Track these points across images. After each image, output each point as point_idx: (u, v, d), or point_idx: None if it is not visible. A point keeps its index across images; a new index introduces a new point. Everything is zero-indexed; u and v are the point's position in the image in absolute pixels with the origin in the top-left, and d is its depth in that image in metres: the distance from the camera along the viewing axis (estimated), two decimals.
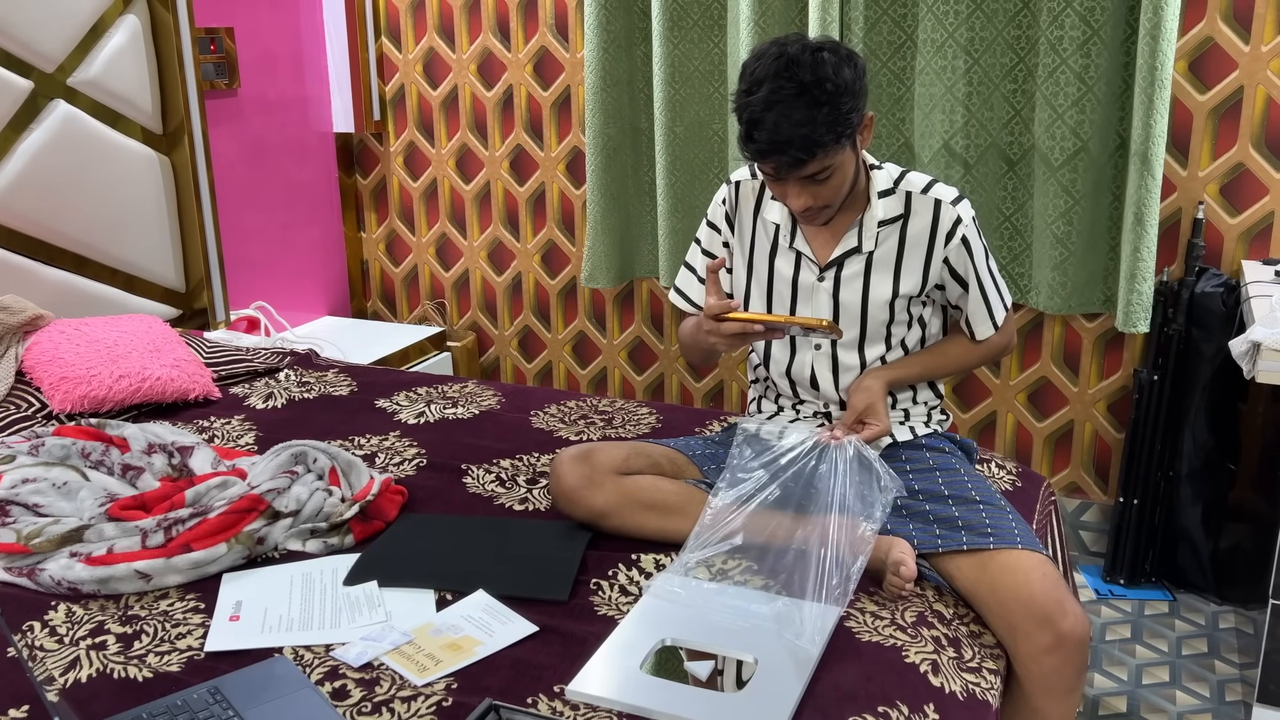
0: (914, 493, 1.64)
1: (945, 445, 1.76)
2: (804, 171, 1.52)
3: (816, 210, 1.59)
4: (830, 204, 1.59)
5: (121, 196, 2.65)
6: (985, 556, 1.50)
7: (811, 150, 1.49)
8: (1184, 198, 2.59)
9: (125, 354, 2.28)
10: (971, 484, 1.64)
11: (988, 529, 1.53)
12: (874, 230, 1.67)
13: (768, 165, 1.54)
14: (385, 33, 3.36)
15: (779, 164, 1.52)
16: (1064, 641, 1.44)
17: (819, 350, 1.73)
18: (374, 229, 3.59)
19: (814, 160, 1.51)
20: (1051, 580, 1.47)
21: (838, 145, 1.52)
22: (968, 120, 2.66)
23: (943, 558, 1.55)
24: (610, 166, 3.01)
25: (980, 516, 1.56)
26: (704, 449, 1.77)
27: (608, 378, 3.39)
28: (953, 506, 1.59)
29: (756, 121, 1.49)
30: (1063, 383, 2.82)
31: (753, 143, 1.51)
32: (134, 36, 2.63)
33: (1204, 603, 2.63)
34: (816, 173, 1.53)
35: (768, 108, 1.48)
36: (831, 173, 1.55)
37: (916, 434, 1.76)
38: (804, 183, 1.55)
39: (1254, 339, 1.99)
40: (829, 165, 1.53)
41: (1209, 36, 2.49)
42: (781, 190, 1.59)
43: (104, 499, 1.68)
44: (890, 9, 2.68)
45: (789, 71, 1.48)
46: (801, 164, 1.51)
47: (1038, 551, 1.51)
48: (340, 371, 2.55)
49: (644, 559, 1.59)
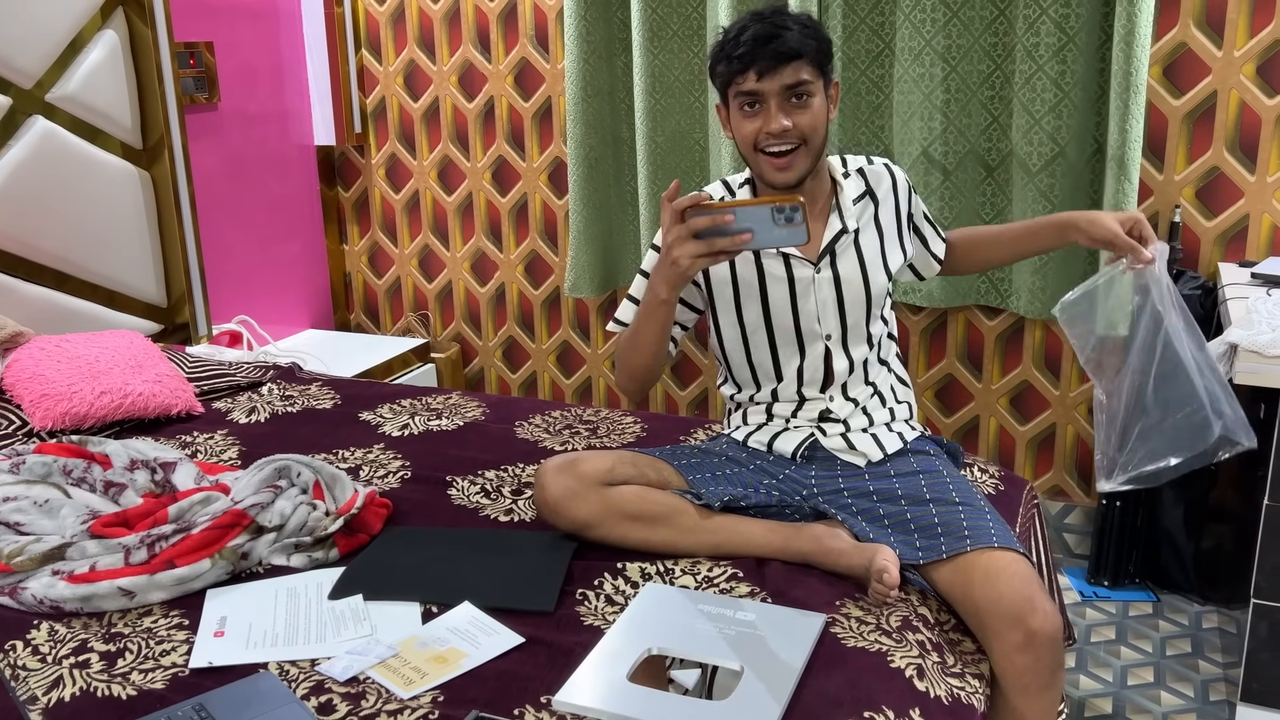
0: (896, 498, 1.64)
1: (930, 448, 1.77)
2: (784, 76, 1.56)
3: (794, 152, 1.59)
4: (808, 141, 1.60)
5: (101, 212, 2.64)
6: (961, 559, 1.51)
7: (792, 46, 1.54)
8: (1160, 201, 2.62)
9: (107, 370, 2.27)
10: (953, 485, 1.65)
11: (965, 531, 1.54)
12: (852, 209, 1.72)
13: (750, 75, 1.56)
14: (365, 45, 3.36)
15: (765, 61, 1.54)
16: (1034, 639, 1.44)
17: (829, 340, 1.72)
18: (356, 241, 3.58)
19: (798, 60, 1.55)
20: (1022, 578, 1.47)
21: (814, 64, 1.58)
22: (946, 127, 2.68)
23: (923, 564, 1.55)
24: (592, 176, 3.02)
25: (959, 518, 1.57)
26: (689, 458, 1.77)
27: (592, 387, 3.40)
28: (933, 510, 1.60)
29: (738, 36, 1.57)
30: (1044, 386, 2.84)
31: (737, 49, 1.56)
32: (112, 52, 2.63)
33: (1187, 603, 2.65)
34: (796, 84, 1.56)
35: (745, 26, 1.57)
36: (810, 97, 1.58)
37: (906, 440, 1.77)
38: (784, 101, 1.57)
39: (1230, 340, 2.01)
40: (808, 82, 1.57)
41: (1182, 42, 2.52)
42: (758, 123, 1.59)
43: (86, 516, 1.67)
44: (868, 18, 2.70)
45: (766, 10, 1.60)
46: (785, 59, 1.54)
47: (1013, 550, 1.52)
48: (323, 385, 2.55)
49: (629, 568, 1.59)
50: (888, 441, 1.75)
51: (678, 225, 1.48)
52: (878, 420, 1.77)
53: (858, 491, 1.68)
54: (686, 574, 1.58)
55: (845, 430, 1.74)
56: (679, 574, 1.58)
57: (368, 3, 3.32)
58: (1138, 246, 1.63)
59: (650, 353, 1.66)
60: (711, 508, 1.64)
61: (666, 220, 1.49)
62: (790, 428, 1.77)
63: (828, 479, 1.71)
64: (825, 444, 1.74)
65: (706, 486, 1.68)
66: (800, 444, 1.74)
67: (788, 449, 1.75)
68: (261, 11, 3.18)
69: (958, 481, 1.67)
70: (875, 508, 1.64)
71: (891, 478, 1.68)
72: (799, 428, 1.76)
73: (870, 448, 1.73)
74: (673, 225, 1.49)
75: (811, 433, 1.75)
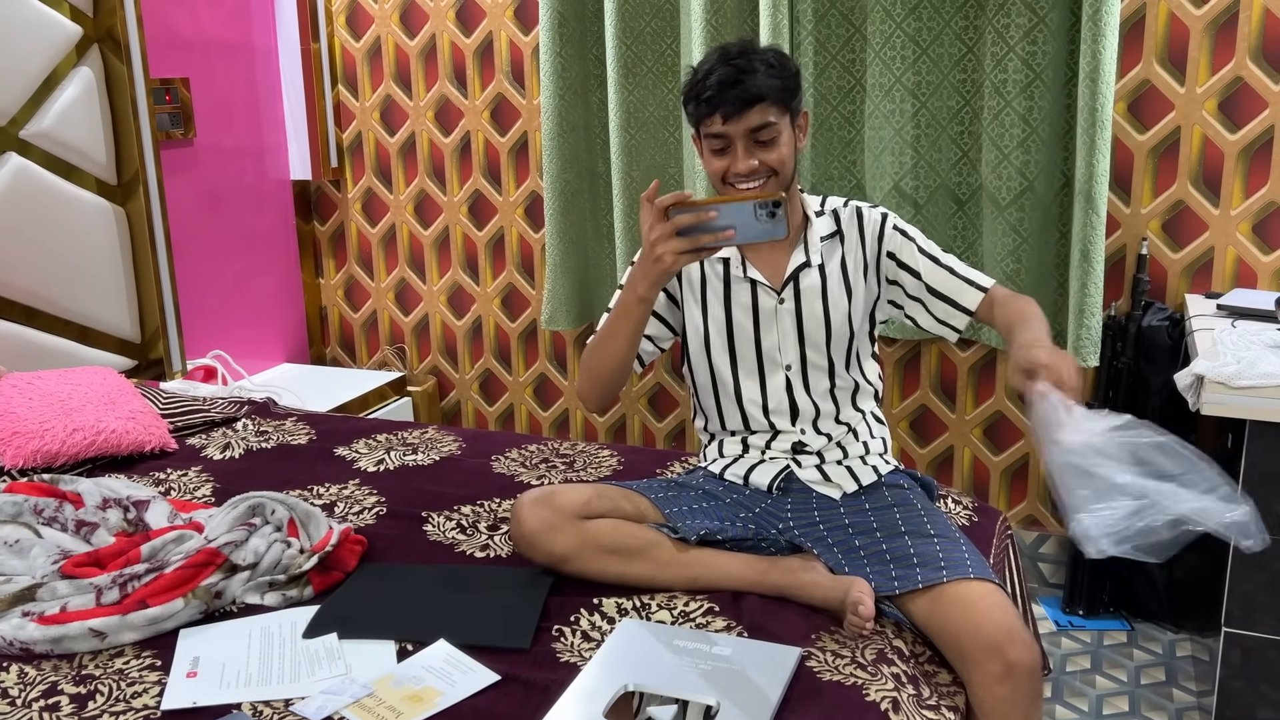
0: (871, 530, 1.66)
1: (904, 481, 1.79)
2: (749, 119, 1.59)
3: (758, 183, 1.63)
4: (777, 173, 1.64)
5: (75, 248, 2.63)
6: (938, 590, 1.52)
7: (758, 90, 1.57)
8: (1128, 234, 2.66)
9: (79, 407, 2.25)
10: (928, 518, 1.67)
11: (941, 562, 1.55)
12: (818, 245, 1.75)
13: (717, 119, 1.60)
14: (342, 81, 3.38)
15: (729, 107, 1.58)
16: (1013, 670, 1.44)
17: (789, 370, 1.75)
18: (332, 275, 3.58)
19: (760, 105, 1.59)
20: (1000, 609, 1.48)
21: (780, 104, 1.61)
22: (916, 162, 2.72)
23: (899, 595, 1.56)
24: (568, 210, 3.04)
25: (934, 549, 1.58)
26: (665, 491, 1.77)
27: (570, 419, 3.40)
28: (908, 541, 1.61)
29: (705, 79, 1.61)
30: (1017, 416, 2.87)
31: (704, 93, 1.60)
32: (87, 89, 2.63)
33: (1161, 631, 2.67)
34: (761, 127, 1.60)
35: (713, 70, 1.61)
36: (776, 135, 1.62)
37: (880, 474, 1.79)
38: (750, 142, 1.61)
39: (1197, 372, 2.04)
40: (774, 123, 1.61)
41: (1146, 79, 2.57)
42: (726, 162, 1.63)
43: (57, 556, 1.65)
44: (839, 54, 2.74)
45: (734, 47, 1.64)
46: (749, 104, 1.58)
47: (989, 580, 1.53)
48: (299, 420, 2.54)
49: (606, 604, 1.59)
50: (862, 474, 1.77)
51: (660, 223, 1.51)
52: (852, 454, 1.79)
53: (833, 523, 1.69)
54: (663, 609, 1.58)
55: (820, 462, 1.77)
56: (655, 609, 1.58)
57: (344, 39, 3.34)
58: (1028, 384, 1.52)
59: (619, 355, 1.67)
60: (688, 541, 1.64)
61: (648, 218, 1.52)
62: (766, 459, 1.79)
63: (803, 511, 1.72)
64: (800, 475, 1.76)
65: (683, 520, 1.69)
66: (776, 475, 1.76)
67: (764, 481, 1.76)
68: (238, 48, 3.19)
69: (932, 514, 1.69)
70: (850, 539, 1.65)
71: (866, 510, 1.70)
72: (774, 459, 1.78)
73: (845, 480, 1.76)
74: (655, 223, 1.52)
75: (787, 465, 1.76)
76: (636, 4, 2.86)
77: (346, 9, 3.31)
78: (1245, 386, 1.97)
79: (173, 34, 2.95)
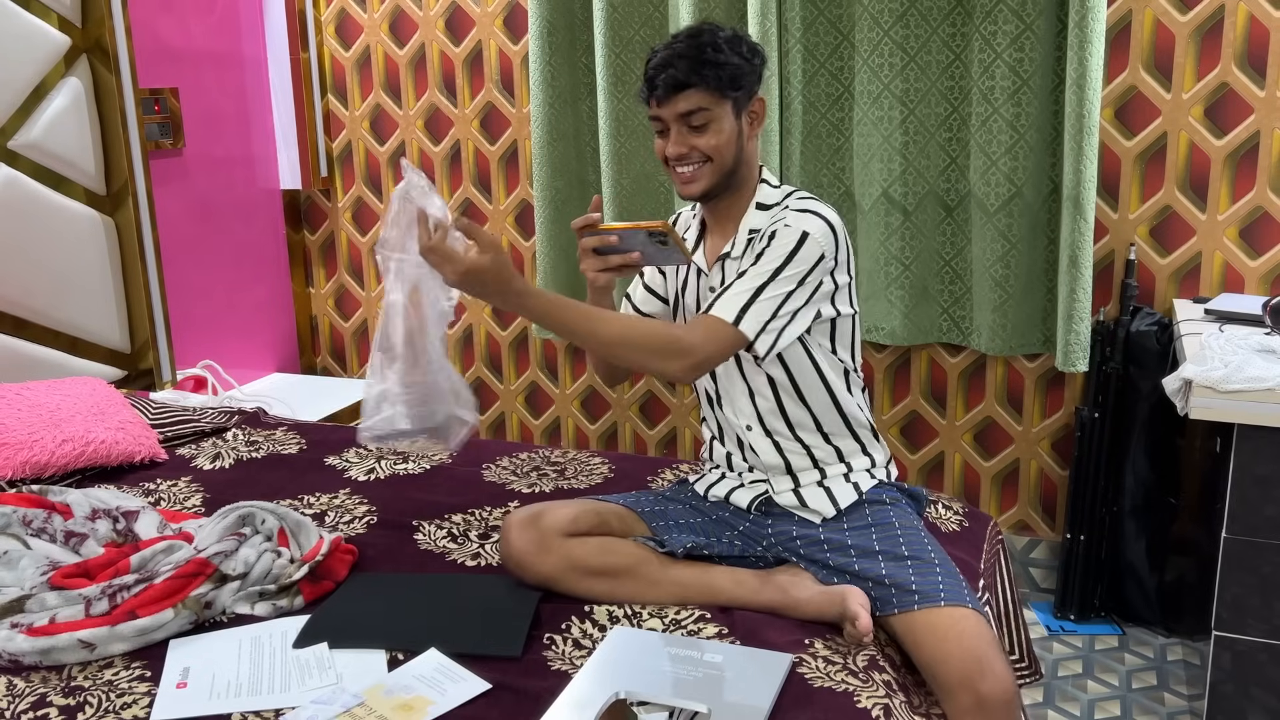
0: (846, 549, 1.63)
1: (887, 496, 1.74)
2: (678, 104, 1.60)
3: (697, 168, 1.63)
4: (711, 159, 1.62)
5: (64, 258, 2.63)
6: (909, 617, 1.51)
7: (687, 76, 1.58)
8: (1116, 240, 2.68)
9: (68, 418, 2.24)
10: (904, 538, 1.63)
11: (912, 587, 1.53)
12: (745, 237, 1.68)
13: (653, 100, 1.62)
14: (331, 90, 3.38)
15: (661, 92, 1.60)
16: (984, 703, 1.42)
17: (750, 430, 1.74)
18: (323, 284, 3.58)
19: (689, 91, 1.59)
20: (970, 637, 1.46)
21: (714, 90, 1.59)
22: (905, 168, 2.73)
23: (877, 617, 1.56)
24: (559, 218, 3.04)
25: (906, 574, 1.56)
26: (653, 505, 1.77)
27: (561, 427, 3.40)
28: (881, 563, 1.59)
29: (649, 60, 1.63)
30: (1007, 422, 2.87)
31: (646, 73, 1.63)
32: (76, 99, 2.63)
33: (1152, 635, 2.67)
34: (690, 112, 1.60)
35: (660, 53, 1.62)
36: (708, 122, 1.61)
37: (862, 490, 1.73)
38: (681, 127, 1.61)
39: (1185, 376, 2.05)
40: (706, 109, 1.60)
41: (1132, 85, 2.59)
42: (664, 144, 1.65)
43: (46, 567, 1.65)
44: (827, 62, 2.75)
45: (686, 31, 1.65)
46: (677, 89, 1.59)
47: (962, 606, 1.50)
48: (289, 429, 2.53)
49: (597, 611, 1.59)
50: (841, 495, 1.71)
51: (580, 241, 1.65)
52: (831, 473, 1.73)
53: (810, 540, 1.67)
54: (654, 616, 1.58)
55: (795, 485, 1.72)
56: (647, 617, 1.58)
57: (333, 48, 3.34)
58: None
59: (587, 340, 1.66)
60: (675, 555, 1.64)
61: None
62: (745, 484, 1.76)
63: (783, 530, 1.71)
64: (778, 500, 1.73)
65: (670, 534, 1.69)
66: (754, 499, 1.74)
67: (743, 503, 1.75)
68: (227, 58, 3.19)
69: (909, 534, 1.65)
70: (827, 558, 1.64)
71: (844, 531, 1.67)
72: (754, 484, 1.75)
73: (823, 504, 1.70)
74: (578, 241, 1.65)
75: (765, 489, 1.74)
76: (625, 12, 2.87)
77: (336, 18, 3.32)
78: (1233, 390, 1.97)
79: (162, 44, 2.95)
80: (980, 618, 1.51)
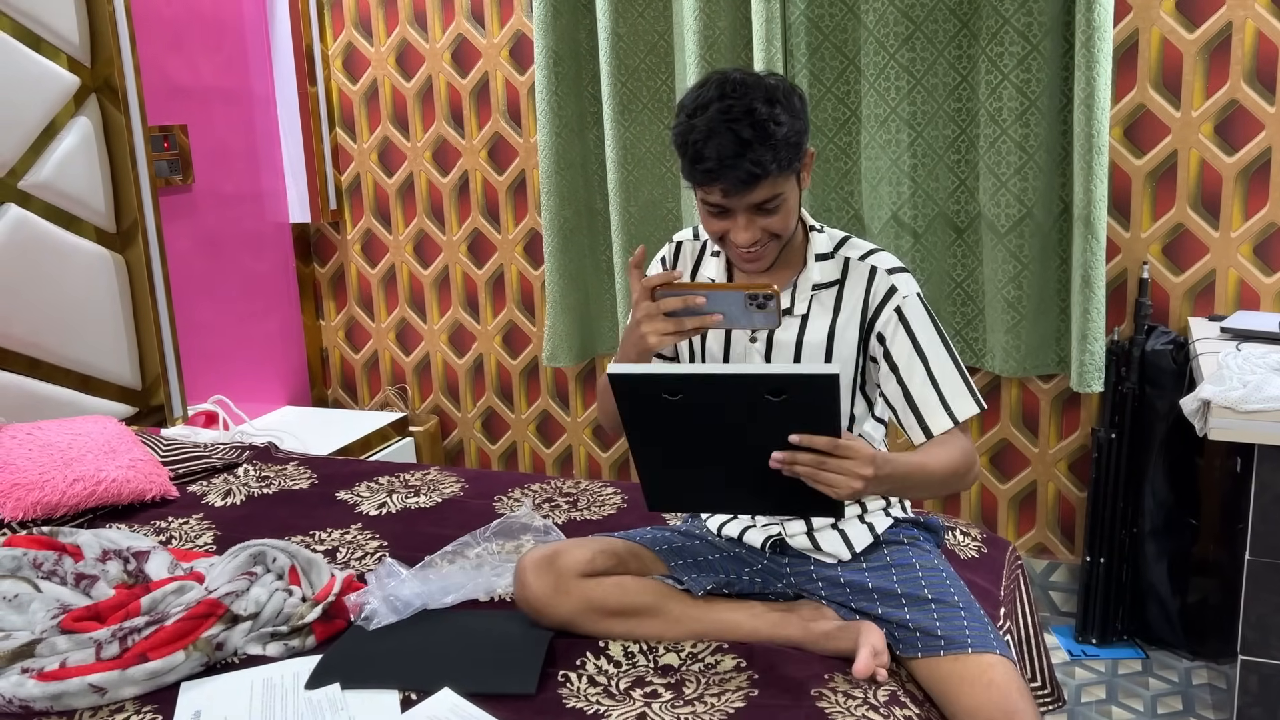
0: (869, 591, 1.60)
1: (903, 535, 1.69)
2: (754, 196, 1.44)
3: (764, 245, 1.50)
4: (780, 235, 1.50)
5: (75, 297, 2.63)
6: (934, 662, 1.48)
7: (764, 167, 1.40)
8: (1128, 258, 2.66)
9: (79, 457, 2.24)
10: (925, 579, 1.60)
11: (938, 632, 1.50)
12: (808, 293, 1.59)
13: (716, 190, 1.44)
14: (340, 123, 3.39)
15: (730, 185, 1.42)
16: None
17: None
18: (333, 316, 3.58)
19: (765, 181, 1.42)
20: (1000, 688, 1.42)
21: (787, 170, 1.44)
22: (914, 191, 2.72)
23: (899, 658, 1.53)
24: (567, 247, 3.04)
25: (931, 618, 1.52)
26: (671, 543, 1.73)
27: (573, 456, 3.38)
28: (904, 605, 1.56)
29: (703, 143, 1.41)
30: (1023, 444, 2.85)
31: (701, 163, 1.42)
32: (86, 138, 2.64)
33: (1176, 659, 2.63)
34: (766, 200, 1.45)
35: (712, 132, 1.41)
36: (780, 202, 1.46)
37: (877, 531, 1.68)
38: (752, 213, 1.46)
39: (1203, 397, 2.02)
40: (778, 192, 1.45)
41: (1141, 104, 2.57)
42: (726, 225, 1.49)
43: (56, 610, 1.64)
44: (834, 86, 2.75)
45: (735, 94, 1.42)
46: (754, 182, 1.41)
47: (990, 652, 1.47)
48: (300, 464, 2.52)
49: (612, 647, 1.57)
50: (856, 536, 1.66)
51: (647, 301, 1.45)
52: (847, 514, 1.67)
53: (831, 581, 1.64)
54: (670, 651, 1.56)
55: (809, 529, 1.67)
56: (663, 651, 1.56)
57: (341, 82, 3.36)
58: None
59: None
60: (694, 594, 1.61)
61: (635, 289, 1.47)
62: (756, 524, 1.71)
63: (801, 570, 1.67)
64: (791, 543, 1.68)
65: (688, 574, 1.66)
66: (767, 540, 1.69)
67: (755, 542, 1.71)
68: (236, 94, 3.21)
69: (930, 574, 1.61)
70: (849, 600, 1.61)
71: (864, 570, 1.64)
72: (767, 525, 1.70)
73: (837, 547, 1.66)
74: (641, 299, 1.45)
75: (778, 530, 1.69)
76: (630, 41, 2.87)
77: (343, 53, 3.33)
78: (1252, 410, 1.95)
79: (170, 82, 2.97)
80: (1009, 664, 1.46)
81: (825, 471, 1.28)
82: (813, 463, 1.28)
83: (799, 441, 1.27)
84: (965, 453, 1.54)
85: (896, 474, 1.39)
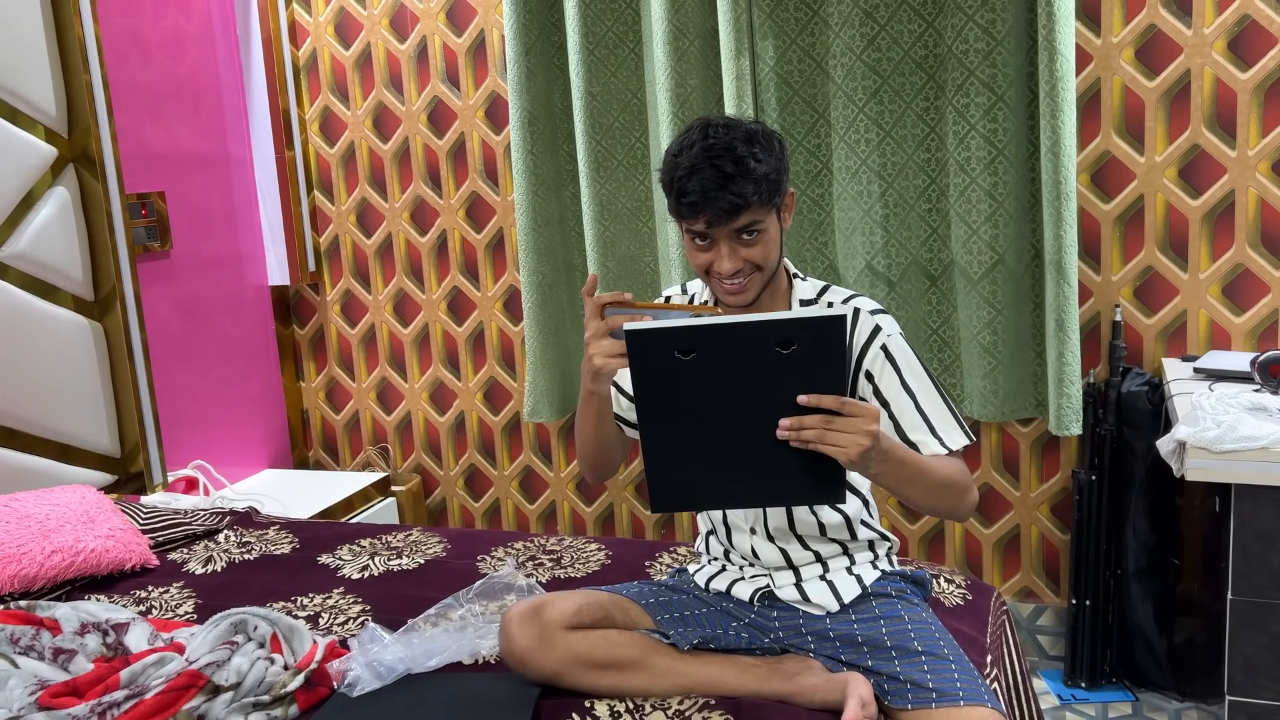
0: (858, 644, 1.60)
1: (891, 588, 1.70)
2: (737, 222, 1.48)
3: (747, 277, 1.54)
4: (761, 267, 1.54)
5: (53, 366, 2.63)
6: (925, 715, 1.48)
7: (745, 198, 1.46)
8: (1101, 301, 2.69)
9: (57, 528, 2.22)
10: (914, 631, 1.60)
11: (929, 685, 1.50)
12: None
13: (700, 220, 1.50)
14: (317, 186, 3.42)
15: (714, 213, 1.47)
16: None
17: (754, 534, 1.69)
18: (313, 378, 3.58)
19: (748, 210, 1.48)
20: None
21: (767, 204, 1.50)
22: (887, 240, 2.75)
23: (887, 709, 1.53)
24: (546, 303, 3.05)
25: (922, 671, 1.53)
26: (657, 596, 1.73)
27: (557, 511, 3.37)
28: (894, 657, 1.56)
29: (687, 178, 1.48)
30: (1005, 488, 2.86)
31: (686, 196, 1.48)
32: (63, 208, 2.65)
33: (1165, 700, 2.62)
34: (747, 227, 1.50)
35: (696, 169, 1.48)
36: (761, 232, 1.52)
37: (865, 584, 1.69)
38: (735, 242, 1.51)
39: (1178, 438, 2.04)
40: (760, 220, 1.50)
41: (1106, 150, 2.63)
42: (710, 257, 1.53)
43: (34, 687, 1.61)
44: (804, 140, 2.79)
45: (717, 134, 1.50)
46: (736, 212, 1.47)
47: (981, 705, 1.47)
48: (281, 528, 2.50)
49: (598, 706, 1.56)
50: (845, 589, 1.67)
51: (596, 320, 1.47)
52: (834, 566, 1.69)
53: (819, 634, 1.64)
54: (657, 709, 1.55)
55: (797, 580, 1.68)
56: (649, 710, 1.55)
57: (318, 145, 3.39)
58: None
59: (592, 439, 1.67)
60: (680, 648, 1.61)
61: (588, 311, 1.49)
62: (745, 578, 1.72)
63: (790, 624, 1.67)
64: (779, 595, 1.68)
65: (675, 628, 1.65)
66: (755, 592, 1.70)
67: (744, 595, 1.71)
68: (213, 159, 3.23)
69: (919, 627, 1.61)
70: (838, 653, 1.61)
71: (853, 622, 1.64)
72: (755, 577, 1.71)
73: (826, 598, 1.66)
74: (592, 318, 1.47)
75: (767, 582, 1.70)
76: (604, 100, 2.92)
77: (320, 116, 3.37)
78: (1227, 450, 1.97)
79: (148, 149, 2.99)
80: (999, 716, 1.47)
81: (833, 431, 1.30)
82: (820, 423, 1.30)
83: (807, 402, 1.30)
84: (963, 471, 1.57)
85: (895, 454, 1.42)
